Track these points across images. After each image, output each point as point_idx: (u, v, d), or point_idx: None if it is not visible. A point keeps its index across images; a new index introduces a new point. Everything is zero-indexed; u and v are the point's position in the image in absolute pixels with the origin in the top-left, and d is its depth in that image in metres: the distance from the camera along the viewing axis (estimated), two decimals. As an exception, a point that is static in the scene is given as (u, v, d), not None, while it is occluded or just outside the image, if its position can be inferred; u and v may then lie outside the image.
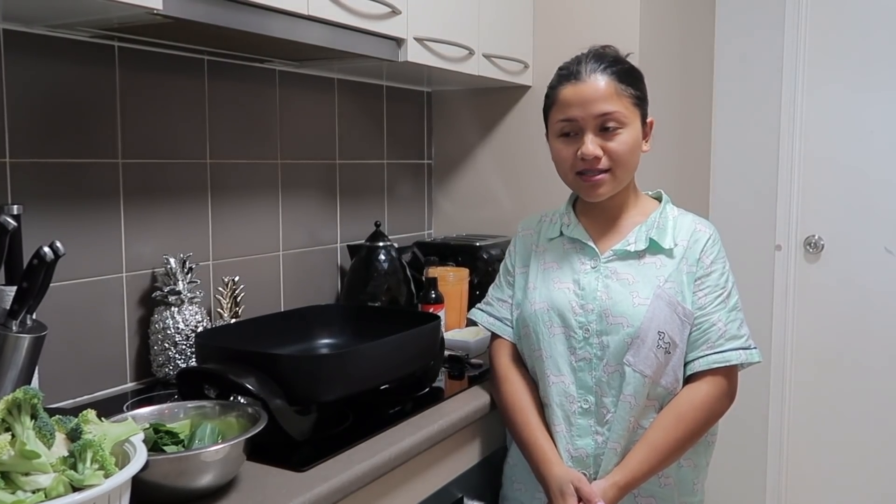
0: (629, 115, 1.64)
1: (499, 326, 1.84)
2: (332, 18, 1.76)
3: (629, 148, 1.64)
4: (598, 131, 1.63)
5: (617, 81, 1.63)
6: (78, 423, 1.05)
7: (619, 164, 1.64)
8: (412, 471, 1.58)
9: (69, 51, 1.70)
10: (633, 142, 1.65)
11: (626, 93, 1.64)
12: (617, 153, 1.63)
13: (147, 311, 1.88)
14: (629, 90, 1.64)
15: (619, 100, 1.62)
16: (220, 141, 2.05)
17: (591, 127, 1.63)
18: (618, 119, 1.62)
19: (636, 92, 1.66)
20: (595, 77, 1.63)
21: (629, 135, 1.64)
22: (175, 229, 1.95)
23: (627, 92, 1.64)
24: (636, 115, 1.66)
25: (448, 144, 2.87)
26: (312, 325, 1.95)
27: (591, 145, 1.62)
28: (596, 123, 1.63)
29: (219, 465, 1.23)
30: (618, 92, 1.63)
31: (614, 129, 1.62)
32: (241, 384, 1.42)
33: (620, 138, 1.63)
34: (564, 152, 1.67)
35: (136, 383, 1.87)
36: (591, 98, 1.62)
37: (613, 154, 1.63)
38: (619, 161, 1.64)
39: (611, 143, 1.63)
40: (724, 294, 1.66)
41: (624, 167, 1.65)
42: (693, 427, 1.62)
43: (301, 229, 2.34)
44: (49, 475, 0.97)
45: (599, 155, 1.63)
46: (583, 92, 1.63)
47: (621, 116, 1.62)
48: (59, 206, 1.70)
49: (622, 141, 1.63)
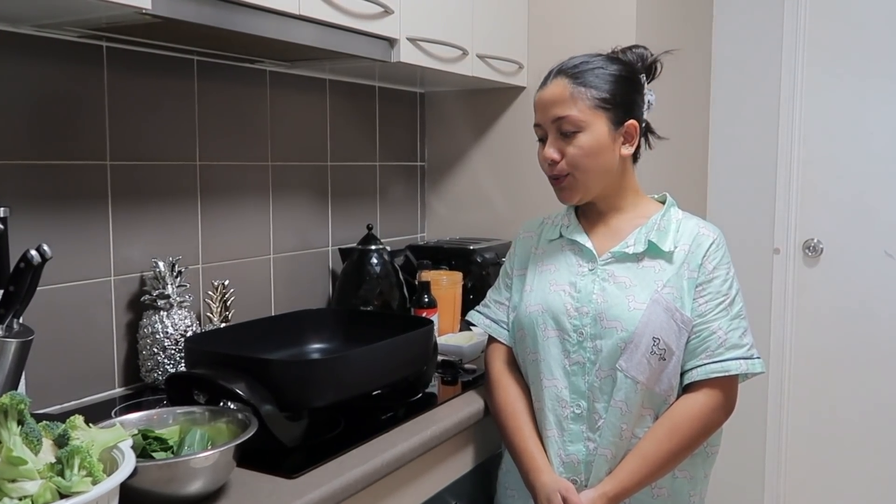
0: (586, 118, 1.63)
1: (495, 329, 1.84)
2: (323, 18, 1.77)
3: (586, 151, 1.64)
4: (559, 134, 1.66)
5: (574, 85, 1.64)
6: (65, 429, 1.05)
7: (577, 168, 1.65)
8: (405, 477, 1.58)
9: (57, 51, 1.70)
10: (593, 145, 1.64)
11: (583, 96, 1.63)
12: (573, 157, 1.65)
13: (135, 315, 1.88)
14: (590, 92, 1.63)
15: (572, 103, 1.63)
16: (209, 142, 2.05)
17: (551, 130, 1.67)
18: (572, 122, 1.63)
19: (601, 94, 1.64)
20: (554, 81, 1.67)
21: (587, 138, 1.64)
22: (164, 232, 1.95)
23: (587, 94, 1.63)
24: (598, 117, 1.64)
25: (441, 146, 2.88)
26: (303, 330, 1.96)
27: (549, 149, 1.67)
28: (554, 128, 1.66)
29: (208, 472, 1.24)
30: (573, 95, 1.64)
31: (571, 132, 1.64)
32: (231, 389, 1.42)
33: (577, 142, 1.64)
34: (539, 156, 1.72)
35: (125, 388, 1.87)
36: (547, 102, 1.67)
37: (570, 158, 1.65)
38: (576, 165, 1.65)
39: (568, 147, 1.65)
40: (727, 301, 1.65)
41: (584, 171, 1.66)
42: (687, 439, 1.61)
43: (292, 232, 2.35)
44: (36, 482, 0.97)
45: (555, 158, 1.66)
46: (543, 97, 1.69)
47: (576, 120, 1.63)
48: (47, 209, 1.70)
49: (578, 144, 1.64)
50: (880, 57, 2.97)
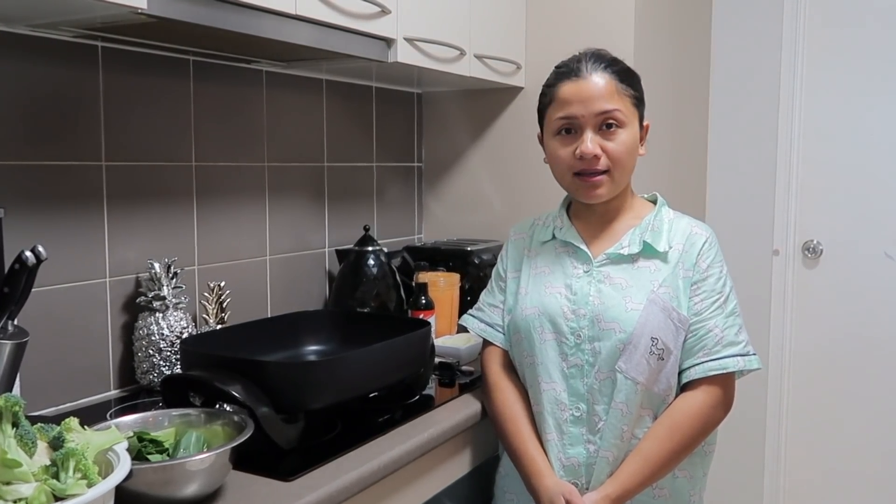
0: (629, 115, 1.65)
1: (490, 333, 1.84)
2: (320, 18, 1.77)
3: (627, 149, 1.65)
4: (597, 130, 1.64)
5: (618, 80, 1.65)
6: (60, 432, 1.05)
7: (617, 166, 1.65)
8: (402, 480, 1.58)
9: (52, 51, 1.70)
10: (632, 143, 1.66)
11: (626, 93, 1.65)
12: (616, 153, 1.64)
13: (131, 316, 1.88)
14: (629, 90, 1.66)
15: (619, 99, 1.64)
16: (205, 143, 2.06)
17: (591, 125, 1.64)
18: (618, 118, 1.64)
19: (635, 93, 1.68)
20: (596, 75, 1.65)
21: (628, 135, 1.65)
22: (160, 233, 1.95)
23: (627, 92, 1.66)
24: (635, 116, 1.68)
25: (439, 147, 2.88)
26: (300, 332, 1.96)
27: (591, 144, 1.63)
28: (596, 122, 1.64)
29: (204, 475, 1.24)
30: (618, 91, 1.64)
31: (614, 128, 1.64)
32: (227, 392, 1.42)
33: (619, 138, 1.64)
34: (562, 151, 1.68)
35: (120, 391, 1.87)
36: (592, 95, 1.64)
37: (612, 154, 1.64)
38: (617, 162, 1.65)
39: (610, 142, 1.64)
40: (721, 299, 1.66)
41: (622, 169, 1.66)
42: (687, 437, 1.62)
43: (288, 233, 2.35)
44: (31, 484, 0.97)
45: (599, 154, 1.63)
46: (584, 89, 1.65)
47: (621, 116, 1.64)
48: (42, 210, 1.70)
49: (621, 141, 1.64)
50: (880, 58, 2.98)
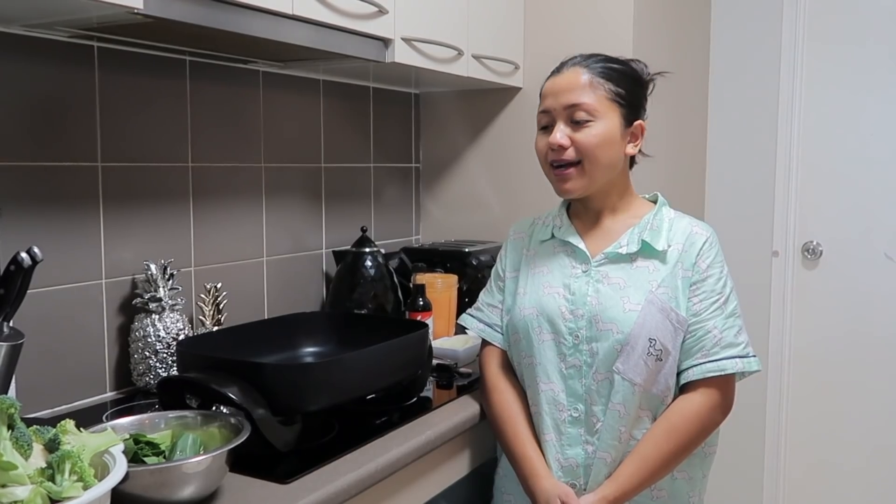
0: (601, 108, 1.66)
1: (489, 333, 1.85)
2: (317, 18, 1.77)
3: (598, 141, 1.66)
4: (568, 122, 1.67)
5: (594, 75, 1.67)
6: (56, 434, 1.05)
7: (587, 157, 1.66)
8: (400, 483, 1.59)
9: (47, 51, 1.70)
10: (606, 136, 1.66)
11: (602, 87, 1.67)
12: (583, 144, 1.65)
13: (127, 318, 1.88)
14: (608, 85, 1.67)
15: (591, 92, 1.66)
16: (202, 144, 2.06)
17: (561, 117, 1.68)
18: (587, 110, 1.65)
19: (616, 89, 1.68)
20: (572, 70, 1.69)
21: (601, 128, 1.66)
22: (156, 234, 1.95)
23: (605, 87, 1.67)
24: (612, 110, 1.67)
25: (436, 147, 2.88)
26: (297, 333, 1.96)
27: (559, 134, 1.67)
28: (566, 114, 1.67)
29: (200, 477, 1.24)
30: (592, 84, 1.67)
31: (584, 120, 1.66)
32: (224, 393, 1.43)
33: (589, 130, 1.66)
34: (540, 143, 1.73)
35: (116, 393, 1.87)
36: (563, 88, 1.68)
37: (580, 145, 1.66)
38: (586, 153, 1.66)
39: (578, 134, 1.66)
40: (721, 300, 1.66)
41: (592, 161, 1.67)
42: (685, 439, 1.62)
43: (285, 235, 2.35)
44: (26, 487, 0.98)
45: (566, 144, 1.66)
46: (557, 83, 1.70)
47: (591, 108, 1.65)
48: (37, 211, 1.70)
49: (591, 133, 1.65)
50: (879, 59, 2.98)
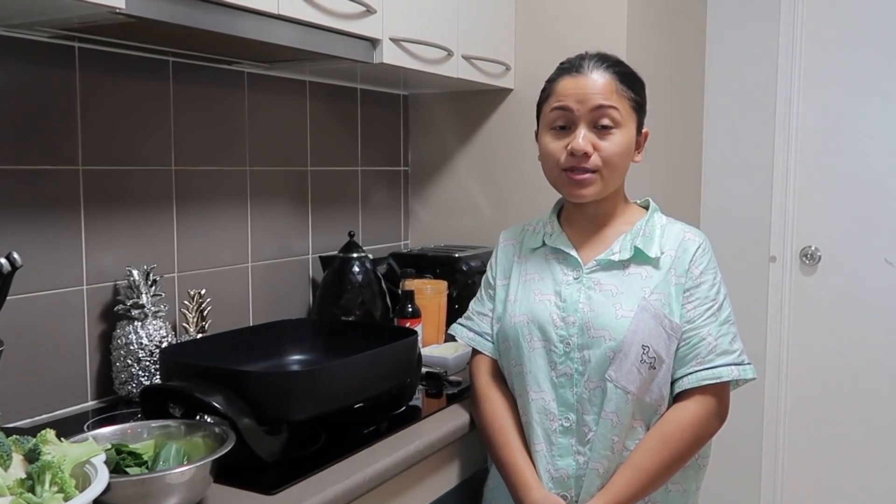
0: (625, 116, 1.67)
1: (479, 342, 1.85)
2: (303, 18, 1.78)
3: (621, 150, 1.66)
4: (591, 127, 1.66)
5: (618, 81, 1.67)
6: (36, 444, 1.06)
7: (608, 166, 1.66)
8: (388, 494, 1.59)
9: (27, 52, 1.71)
10: (626, 145, 1.68)
11: (625, 94, 1.67)
12: (608, 154, 1.65)
13: (109, 325, 1.88)
14: (629, 93, 1.68)
15: (618, 99, 1.66)
16: (185, 147, 2.06)
17: (585, 121, 1.66)
18: (613, 117, 1.65)
19: (635, 97, 1.70)
20: (597, 72, 1.67)
21: (622, 137, 1.66)
22: (138, 239, 1.96)
23: (627, 94, 1.68)
24: (632, 119, 1.69)
25: (425, 150, 2.89)
26: (283, 341, 1.96)
27: (583, 140, 1.65)
28: (591, 118, 1.66)
29: (184, 488, 1.24)
30: (617, 91, 1.66)
31: (609, 127, 1.65)
32: (208, 402, 1.43)
33: (613, 139, 1.66)
34: (553, 145, 1.70)
35: (98, 402, 1.88)
36: (589, 91, 1.66)
37: (604, 154, 1.65)
38: (608, 162, 1.66)
39: (603, 141, 1.65)
40: (715, 306, 1.67)
41: (612, 170, 1.67)
42: (680, 449, 1.62)
43: (271, 240, 2.35)
44: (6, 498, 0.98)
45: (590, 151, 1.65)
46: (582, 84, 1.67)
47: (618, 115, 1.65)
48: (16, 216, 1.70)
49: (615, 142, 1.66)
50: (878, 63, 3.00)
